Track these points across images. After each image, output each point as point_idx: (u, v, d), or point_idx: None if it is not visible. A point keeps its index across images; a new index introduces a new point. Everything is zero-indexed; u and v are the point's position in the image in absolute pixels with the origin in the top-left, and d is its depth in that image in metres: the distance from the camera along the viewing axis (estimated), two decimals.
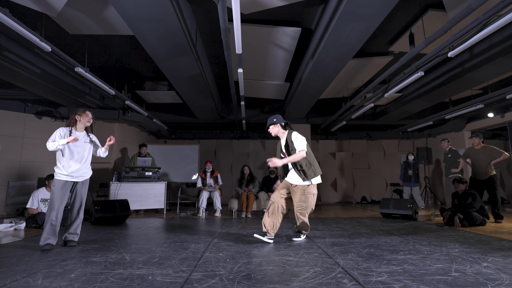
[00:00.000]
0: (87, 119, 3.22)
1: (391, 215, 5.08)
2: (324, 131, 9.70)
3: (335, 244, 3.00)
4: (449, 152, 5.72)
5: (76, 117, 3.17)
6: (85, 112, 3.22)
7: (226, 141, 10.15)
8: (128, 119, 6.92)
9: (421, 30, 4.30)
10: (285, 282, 1.81)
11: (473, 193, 4.38)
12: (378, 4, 3.19)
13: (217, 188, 6.17)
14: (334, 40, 3.94)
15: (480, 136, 5.02)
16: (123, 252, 2.65)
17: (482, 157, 4.86)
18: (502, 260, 2.28)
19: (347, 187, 10.16)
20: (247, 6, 3.68)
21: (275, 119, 3.31)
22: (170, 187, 8.42)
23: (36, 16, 3.91)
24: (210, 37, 4.80)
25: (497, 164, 4.99)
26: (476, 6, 2.88)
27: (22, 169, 6.49)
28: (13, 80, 4.92)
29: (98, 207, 4.65)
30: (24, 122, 6.65)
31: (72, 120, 3.17)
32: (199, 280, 1.85)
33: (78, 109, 3.26)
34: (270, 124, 3.32)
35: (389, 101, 7.57)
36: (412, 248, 2.74)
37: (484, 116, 7.48)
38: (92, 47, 5.03)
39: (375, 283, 1.76)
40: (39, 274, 2.01)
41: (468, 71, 4.92)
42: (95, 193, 6.79)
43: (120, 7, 3.20)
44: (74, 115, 3.18)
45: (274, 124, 3.31)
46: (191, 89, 5.80)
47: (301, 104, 6.95)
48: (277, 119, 3.31)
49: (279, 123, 3.30)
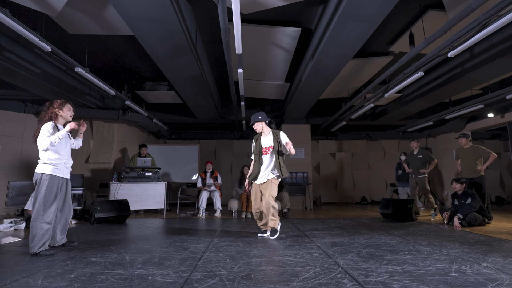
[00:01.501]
0: (69, 113, 2.86)
1: (391, 215, 5.08)
2: (324, 131, 9.70)
3: (335, 244, 3.00)
4: (420, 153, 5.77)
5: (56, 111, 2.79)
6: (65, 104, 2.84)
7: (226, 141, 10.15)
8: (128, 119, 6.92)
9: (421, 30, 4.30)
10: (285, 282, 1.81)
11: (473, 193, 4.38)
12: (378, 4, 3.19)
13: (217, 188, 6.17)
14: (334, 40, 3.94)
15: (467, 136, 5.11)
16: (123, 252, 2.65)
17: (470, 156, 4.96)
18: (502, 260, 2.27)
19: (347, 187, 10.15)
20: (247, 6, 3.68)
21: (260, 116, 3.51)
22: (170, 187, 8.42)
23: (36, 16, 3.91)
24: (210, 37, 4.80)
25: (497, 164, 5.03)
26: (476, 6, 2.88)
27: (22, 169, 6.49)
28: (13, 80, 4.92)
29: (98, 207, 4.65)
30: (24, 122, 6.65)
31: (53, 114, 2.78)
32: (199, 280, 1.85)
33: (55, 101, 2.83)
34: (255, 121, 3.52)
35: (389, 101, 7.57)
36: (412, 248, 2.74)
37: (484, 116, 7.48)
38: (92, 47, 5.03)
39: (375, 283, 1.76)
40: (39, 274, 2.01)
41: (468, 71, 4.92)
42: (95, 193, 6.79)
43: (120, 7, 3.20)
44: (54, 109, 2.78)
45: (259, 121, 3.52)
46: (191, 89, 5.80)
47: (301, 104, 6.95)
48: (262, 116, 3.52)
49: (264, 121, 3.52)
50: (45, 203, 2.64)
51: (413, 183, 5.77)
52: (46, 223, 2.62)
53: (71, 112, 2.89)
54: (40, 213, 2.61)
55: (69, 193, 2.93)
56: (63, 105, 2.83)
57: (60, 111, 2.81)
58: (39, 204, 2.62)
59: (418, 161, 5.71)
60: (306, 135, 8.57)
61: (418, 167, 5.67)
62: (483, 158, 4.91)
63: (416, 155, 5.78)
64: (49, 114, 2.78)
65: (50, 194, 2.67)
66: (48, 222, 2.64)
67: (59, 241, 2.87)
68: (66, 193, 2.89)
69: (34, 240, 2.56)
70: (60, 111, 2.81)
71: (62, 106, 2.82)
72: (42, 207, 2.62)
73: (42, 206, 2.62)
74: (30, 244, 2.56)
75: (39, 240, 2.57)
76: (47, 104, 2.83)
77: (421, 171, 5.62)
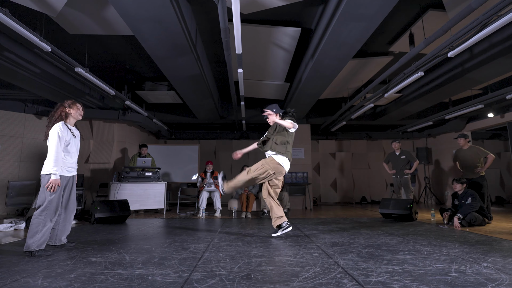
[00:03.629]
0: (79, 112, 2.94)
1: (391, 215, 5.08)
2: (324, 131, 9.70)
3: (335, 244, 3.00)
4: (402, 153, 5.86)
5: (67, 110, 2.86)
6: (76, 104, 2.93)
7: (226, 141, 10.15)
8: (128, 119, 6.92)
9: (421, 30, 4.30)
10: (285, 282, 1.81)
11: (473, 193, 4.38)
12: (378, 4, 3.19)
13: (217, 188, 6.16)
14: (334, 40, 3.94)
15: (465, 137, 5.15)
16: (123, 252, 2.65)
17: (469, 157, 4.99)
18: (502, 260, 2.27)
19: (347, 187, 10.15)
20: (247, 6, 3.68)
21: (274, 109, 3.56)
22: (170, 187, 8.42)
23: (36, 16, 3.91)
24: (210, 37, 4.80)
25: (496, 164, 5.04)
26: (476, 6, 2.88)
27: (22, 169, 6.49)
28: (13, 80, 4.92)
29: (98, 207, 4.65)
30: (24, 122, 6.64)
31: (63, 113, 2.85)
32: (199, 280, 1.85)
33: (65, 101, 2.92)
34: (269, 113, 3.57)
35: (389, 101, 7.57)
36: (412, 248, 2.74)
37: (484, 116, 7.48)
38: (92, 47, 5.03)
39: (375, 283, 1.76)
40: (39, 274, 2.01)
41: (468, 71, 4.92)
42: (95, 193, 6.79)
43: (120, 7, 3.20)
44: (64, 108, 2.86)
45: (274, 114, 3.56)
46: (191, 89, 5.80)
47: (301, 104, 6.95)
48: (276, 109, 3.56)
49: (278, 113, 3.57)
50: (51, 202, 2.66)
51: (398, 184, 5.89)
52: (49, 220, 2.65)
53: (81, 111, 2.98)
54: (45, 211, 2.62)
55: (74, 190, 2.97)
56: (73, 104, 2.92)
57: (71, 110, 2.89)
58: (46, 202, 2.64)
59: (402, 162, 5.82)
60: (306, 135, 8.57)
61: (402, 168, 5.79)
62: (482, 158, 4.92)
63: (399, 156, 5.89)
64: (59, 113, 2.84)
65: (56, 193, 2.70)
66: (51, 220, 2.66)
67: (62, 240, 2.89)
68: (71, 191, 2.92)
69: (34, 237, 2.54)
70: (71, 110, 2.89)
71: (72, 105, 2.91)
72: (47, 205, 2.64)
73: (47, 204, 2.64)
74: (28, 240, 2.53)
75: (39, 237, 2.56)
76: (58, 104, 2.92)
77: (405, 171, 5.75)
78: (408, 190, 5.73)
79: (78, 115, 2.95)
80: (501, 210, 6.86)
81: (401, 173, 5.79)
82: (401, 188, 5.85)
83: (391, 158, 6.04)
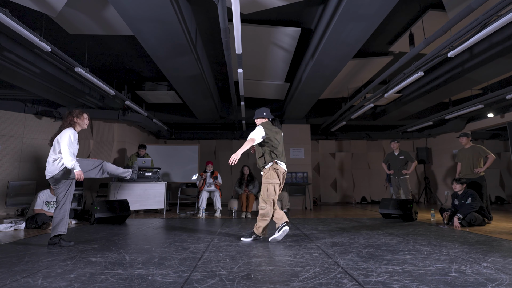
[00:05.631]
0: (86, 122, 3.20)
1: (391, 215, 5.08)
2: (324, 131, 9.70)
3: (335, 244, 3.00)
4: (401, 154, 5.84)
5: (75, 119, 3.13)
6: (83, 114, 3.18)
7: (226, 141, 10.15)
8: (128, 119, 6.92)
9: (421, 30, 4.30)
10: (285, 282, 1.81)
11: (473, 193, 4.38)
12: (378, 4, 3.19)
13: (217, 188, 6.17)
14: (334, 40, 3.94)
15: (467, 136, 5.14)
16: (123, 252, 2.65)
17: (470, 156, 4.98)
18: (502, 260, 2.27)
19: (347, 187, 10.15)
20: (247, 6, 3.68)
21: (265, 113, 3.46)
22: (170, 187, 8.42)
23: (36, 16, 3.91)
24: (210, 37, 4.80)
25: (496, 164, 5.04)
26: (476, 6, 2.88)
27: (22, 169, 6.49)
28: (13, 80, 4.92)
29: (98, 207, 4.65)
30: (24, 122, 6.64)
31: (71, 121, 3.12)
32: (199, 280, 1.85)
33: (73, 110, 3.18)
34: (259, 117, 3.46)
35: (389, 101, 7.57)
36: (412, 248, 2.74)
37: (484, 116, 7.48)
38: (92, 47, 5.03)
39: (375, 283, 1.76)
40: (39, 274, 2.01)
41: (468, 71, 4.92)
42: (95, 193, 6.79)
43: (120, 7, 3.20)
44: (72, 117, 3.12)
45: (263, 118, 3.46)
46: (191, 89, 5.80)
47: (301, 104, 6.95)
48: (266, 113, 3.47)
49: (268, 118, 3.48)
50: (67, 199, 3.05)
51: (396, 184, 5.89)
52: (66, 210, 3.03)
53: (87, 120, 3.22)
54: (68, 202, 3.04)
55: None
56: (80, 115, 3.16)
57: (78, 119, 3.14)
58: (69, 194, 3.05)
59: (400, 162, 5.81)
60: (306, 135, 8.57)
61: (400, 168, 5.78)
62: (483, 158, 4.92)
63: (398, 156, 5.87)
64: (68, 122, 3.11)
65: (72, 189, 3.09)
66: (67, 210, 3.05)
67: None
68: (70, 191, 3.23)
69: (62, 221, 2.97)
70: (78, 119, 3.14)
71: (80, 115, 3.16)
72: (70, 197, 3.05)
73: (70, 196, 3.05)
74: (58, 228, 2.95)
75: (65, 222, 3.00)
76: (67, 113, 3.18)
77: (403, 172, 5.74)
78: (406, 190, 5.73)
79: (85, 124, 3.20)
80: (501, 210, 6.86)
81: (399, 173, 5.80)
82: (400, 188, 5.86)
83: (390, 158, 6.03)
